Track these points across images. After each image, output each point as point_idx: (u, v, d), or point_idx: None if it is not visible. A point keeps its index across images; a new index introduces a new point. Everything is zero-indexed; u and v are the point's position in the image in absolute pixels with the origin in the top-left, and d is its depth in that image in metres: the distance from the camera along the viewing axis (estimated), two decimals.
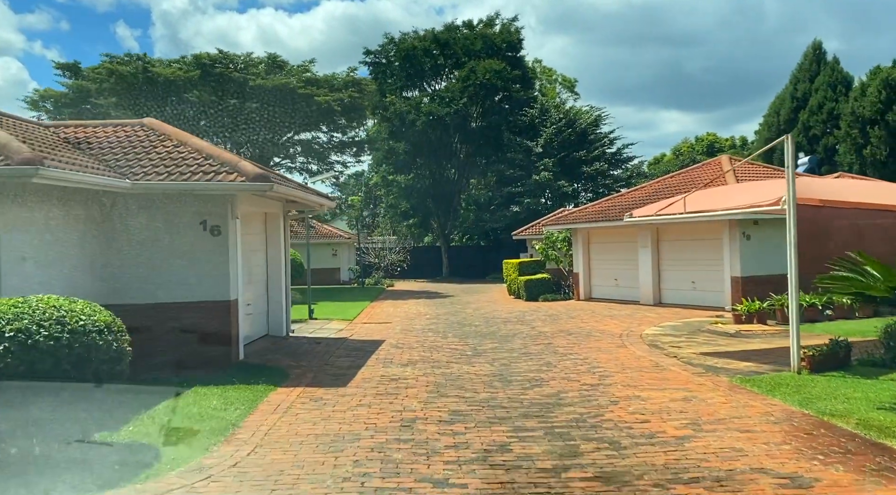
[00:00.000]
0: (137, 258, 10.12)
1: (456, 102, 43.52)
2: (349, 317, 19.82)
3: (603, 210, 23.07)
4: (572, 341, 13.73)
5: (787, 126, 52.37)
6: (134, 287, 9.95)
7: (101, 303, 7.33)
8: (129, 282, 9.98)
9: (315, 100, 29.23)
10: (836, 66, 48.80)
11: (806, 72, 50.09)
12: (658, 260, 21.37)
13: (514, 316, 19.60)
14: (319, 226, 42.19)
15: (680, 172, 23.72)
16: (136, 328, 8.90)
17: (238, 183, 9.61)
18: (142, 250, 10.10)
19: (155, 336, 9.52)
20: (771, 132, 52.56)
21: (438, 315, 20.57)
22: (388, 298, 29.35)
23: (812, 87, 48.68)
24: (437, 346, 13.33)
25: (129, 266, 10.10)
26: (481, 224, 46.63)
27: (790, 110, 49.77)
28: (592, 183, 44.05)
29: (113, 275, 10.07)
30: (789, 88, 50.01)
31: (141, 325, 9.42)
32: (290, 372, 10.06)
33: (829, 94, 47.90)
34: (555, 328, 16.17)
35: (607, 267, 23.43)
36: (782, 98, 50.70)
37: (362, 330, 16.58)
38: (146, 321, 9.40)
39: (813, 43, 50.36)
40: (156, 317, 9.85)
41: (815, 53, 50.19)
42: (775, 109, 53.14)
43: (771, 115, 54.12)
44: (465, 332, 15.86)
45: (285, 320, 13.79)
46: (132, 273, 10.06)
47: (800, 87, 49.79)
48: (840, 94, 46.98)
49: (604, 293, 23.57)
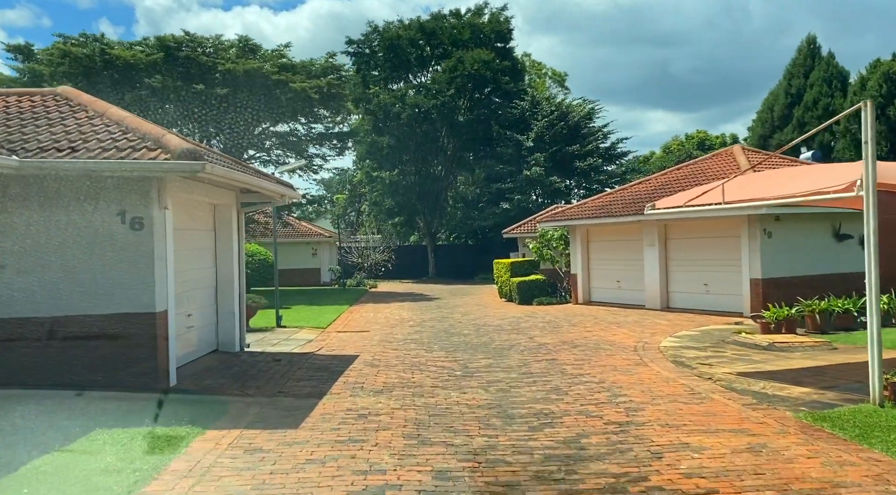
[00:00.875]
0: (30, 260, 7.89)
1: (443, 94, 41.38)
2: (323, 324, 17.62)
3: (604, 205, 21.02)
4: (580, 356, 11.62)
5: (781, 122, 51.02)
6: (22, 298, 7.71)
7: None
8: (18, 292, 7.74)
9: (290, 87, 26.94)
10: (832, 61, 47.43)
11: (800, 67, 48.67)
12: (666, 260, 19.35)
13: (508, 323, 17.49)
14: (297, 224, 39.86)
15: (687, 164, 21.73)
16: (25, 352, 6.73)
17: (159, 162, 7.41)
18: (36, 250, 7.87)
19: (51, 360, 7.30)
20: (765, 128, 51.10)
21: (423, 321, 18.43)
22: (369, 301, 27.16)
23: (807, 82, 47.38)
24: (419, 363, 11.18)
25: (19, 270, 7.86)
26: (469, 222, 44.53)
27: (784, 106, 48.48)
28: (585, 179, 42.08)
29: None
30: (783, 84, 48.65)
31: (33, 348, 7.24)
32: (231, 405, 7.85)
33: (824, 89, 46.54)
34: (556, 338, 14.07)
35: (608, 267, 21.38)
36: (776, 94, 49.44)
37: (335, 340, 14.39)
38: (39, 342, 7.18)
39: (807, 38, 48.98)
40: (56, 335, 7.62)
41: (810, 48, 48.77)
42: (769, 105, 51.85)
43: (764, 111, 52.80)
44: (453, 344, 13.72)
45: (239, 332, 11.58)
46: (23, 280, 7.82)
47: (794, 82, 48.42)
48: (836, 89, 45.60)
49: (604, 296, 21.52)
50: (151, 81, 24.87)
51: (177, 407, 7.50)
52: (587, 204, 22.07)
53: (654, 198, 19.58)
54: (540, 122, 41.64)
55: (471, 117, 42.98)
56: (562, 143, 41.15)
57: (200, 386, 8.67)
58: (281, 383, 9.15)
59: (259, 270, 22.93)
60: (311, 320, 18.54)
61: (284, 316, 19.47)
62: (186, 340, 9.73)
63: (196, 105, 26.07)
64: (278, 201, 11.53)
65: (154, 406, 7.31)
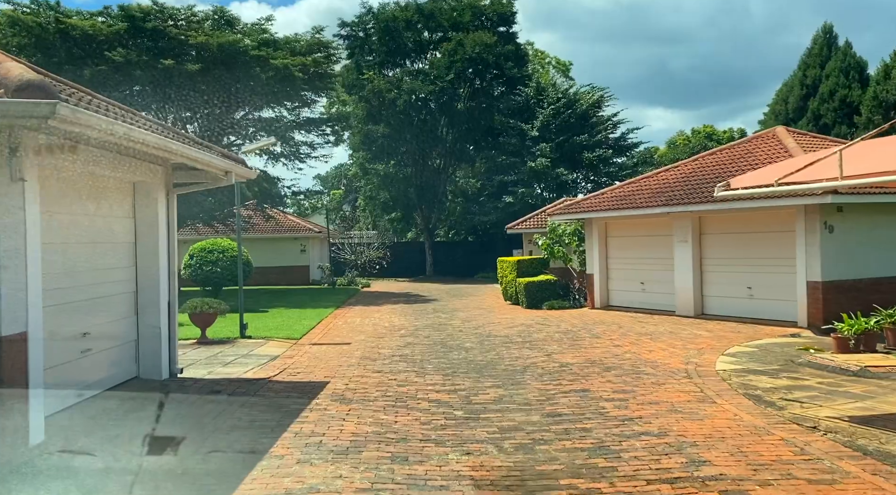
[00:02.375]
0: None
1: (441, 80, 38.56)
2: (297, 333, 14.84)
3: (627, 195, 18.24)
4: (619, 385, 8.86)
5: (795, 114, 48.61)
6: None
7: None
8: None
9: (272, 64, 24.13)
10: (849, 50, 44.87)
11: (816, 57, 46.13)
12: (700, 258, 16.58)
13: (517, 332, 14.72)
14: (283, 218, 37.07)
15: (720, 149, 18.94)
16: None
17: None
18: None
19: None
20: (778, 121, 48.51)
21: (417, 329, 15.65)
22: (359, 302, 24.40)
23: (823, 73, 44.88)
24: (407, 396, 8.42)
25: None
26: (469, 217, 41.77)
27: (799, 98, 46.11)
28: (593, 171, 39.33)
29: None
30: (798, 75, 46.20)
31: None
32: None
33: (841, 80, 44.01)
34: (580, 356, 11.30)
35: (631, 267, 18.61)
36: (790, 85, 47.16)
37: (305, 358, 11.61)
38: None
39: (823, 27, 46.46)
40: None
41: (826, 38, 46.24)
42: (783, 97, 49.60)
43: (778, 103, 50.53)
44: (452, 362, 10.95)
45: (168, 352, 8.78)
46: None
47: (809, 73, 45.90)
48: (853, 80, 43.10)
49: (625, 300, 18.77)
50: (113, 55, 22.03)
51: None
52: (606, 194, 19.30)
53: (686, 187, 16.82)
54: (545, 111, 38.85)
55: (471, 105, 40.17)
56: (569, 133, 38.38)
57: (78, 446, 5.87)
58: (199, 441, 6.29)
59: (233, 268, 20.13)
60: (284, 328, 15.77)
61: (257, 321, 16.74)
62: (77, 371, 6.95)
63: (165, 83, 23.26)
64: (223, 180, 8.73)
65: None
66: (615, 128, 40.20)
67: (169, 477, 5.24)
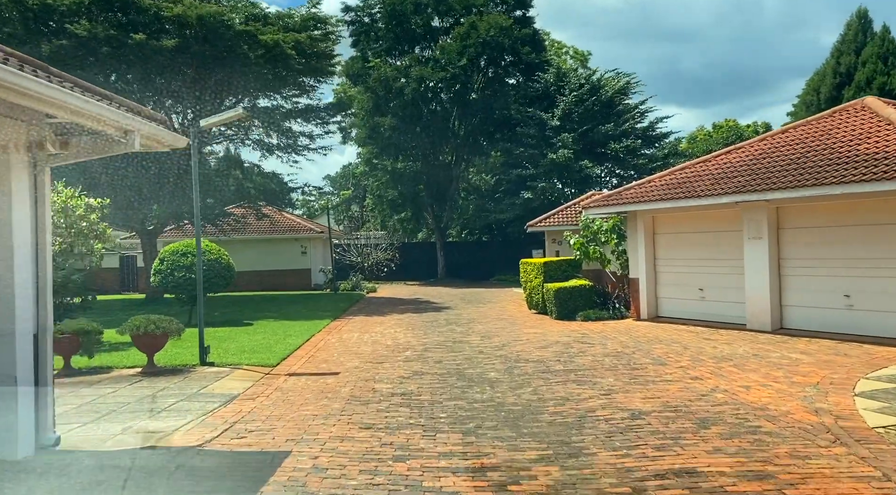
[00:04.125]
0: None
1: (453, 65, 35.40)
2: (274, 357, 11.73)
3: (681, 182, 15.01)
4: (740, 460, 5.66)
5: (829, 104, 45.41)
6: None
7: None
8: None
9: (261, 40, 21.09)
10: (887, 35, 41.48)
11: (850, 44, 42.80)
12: (778, 258, 13.32)
13: (554, 354, 11.52)
14: (282, 217, 34.06)
15: (795, 125, 15.60)
16: None
17: None
18: None
19: None
20: (810, 111, 45.43)
21: (426, 350, 12.50)
22: (362, 311, 21.31)
23: (858, 60, 41.55)
24: (406, 478, 5.28)
25: None
26: (484, 215, 38.57)
27: (832, 87, 42.83)
28: (619, 164, 36.01)
29: None
30: (830, 63, 42.99)
31: None
32: None
33: (879, 67, 40.62)
34: (653, 398, 8.09)
35: (686, 270, 15.38)
36: (822, 74, 44.01)
37: (269, 402, 8.48)
38: None
39: (857, 11, 43.17)
40: None
41: (861, 23, 42.90)
42: (814, 87, 46.36)
43: (809, 93, 47.31)
44: (473, 410, 7.80)
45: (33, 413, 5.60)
46: None
47: (843, 60, 42.55)
48: (892, 66, 39.82)
49: (678, 309, 15.54)
50: (75, 29, 19.06)
51: None
52: (653, 182, 16.05)
53: (758, 171, 13.57)
54: (567, 98, 35.60)
55: (486, 93, 37.03)
56: (593, 122, 35.12)
57: None
58: None
59: (213, 272, 17.09)
60: (261, 349, 12.66)
61: (232, 339, 13.72)
62: None
63: (137, 63, 20.29)
64: (123, 144, 5.62)
65: None
66: (643, 118, 36.88)
67: None
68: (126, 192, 22.90)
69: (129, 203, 23.69)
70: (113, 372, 10.52)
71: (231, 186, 27.55)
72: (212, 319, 18.52)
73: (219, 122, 10.77)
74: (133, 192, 22.63)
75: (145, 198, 23.98)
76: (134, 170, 21.98)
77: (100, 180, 22.32)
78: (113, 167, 21.95)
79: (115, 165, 22.01)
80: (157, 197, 23.66)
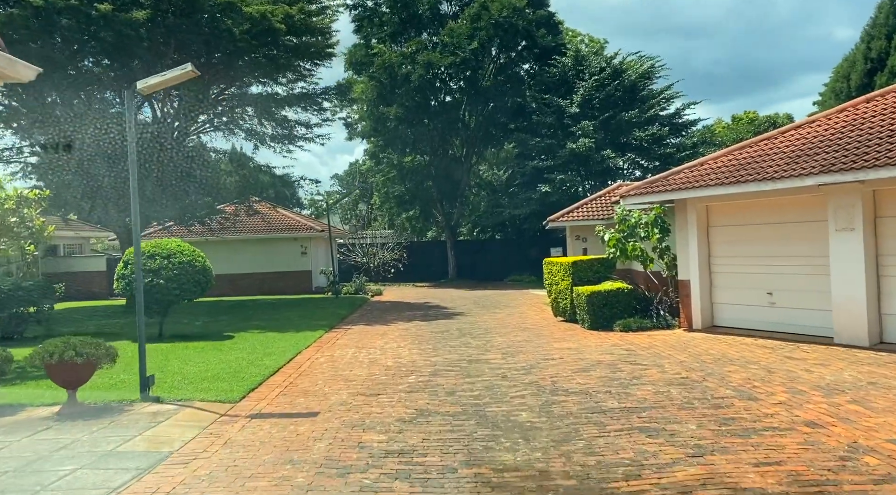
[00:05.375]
0: None
1: (463, 49, 32.74)
2: (240, 387, 9.16)
3: (743, 163, 12.33)
4: None
5: (859, 92, 42.84)
6: None
7: None
8: None
9: (245, 12, 18.58)
10: None
11: (882, 28, 40.06)
12: (876, 255, 10.63)
13: (602, 382, 8.87)
14: (278, 215, 31.56)
15: (885, 92, 12.80)
16: None
17: None
18: None
19: None
20: (839, 100, 42.76)
21: (435, 374, 9.89)
22: (363, 319, 18.76)
23: (891, 45, 38.83)
24: None
25: None
26: (497, 211, 35.92)
27: (863, 73, 40.25)
28: (643, 154, 33.24)
29: None
30: (860, 48, 40.30)
31: None
32: None
33: None
34: (772, 464, 5.44)
35: (750, 269, 12.69)
36: (852, 60, 41.43)
37: (205, 472, 5.88)
38: None
39: None
40: None
41: (893, 5, 40.01)
42: (843, 74, 43.66)
43: (838, 80, 44.57)
44: (504, 481, 5.20)
45: None
46: None
47: (874, 45, 39.83)
48: None
49: (740, 317, 12.86)
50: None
51: None
52: (706, 164, 13.36)
53: (846, 146, 10.88)
54: (588, 83, 32.90)
55: (500, 79, 34.37)
56: (615, 109, 32.40)
57: None
58: None
59: (186, 277, 14.55)
60: (228, 374, 10.11)
61: (201, 358, 11.24)
62: None
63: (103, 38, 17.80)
64: None
65: None
66: (668, 104, 34.09)
67: None
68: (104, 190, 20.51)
69: (105, 200, 21.30)
70: (22, 412, 7.99)
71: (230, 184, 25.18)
72: (188, 331, 16.04)
73: (161, 83, 8.22)
74: (112, 190, 20.23)
75: (123, 194, 21.54)
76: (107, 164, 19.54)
77: (69, 178, 19.94)
78: (87, 160, 19.59)
79: (89, 158, 19.66)
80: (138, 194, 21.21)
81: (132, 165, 8.39)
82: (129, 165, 8.30)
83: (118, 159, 19.57)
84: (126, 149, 20.33)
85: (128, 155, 8.35)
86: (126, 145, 20.71)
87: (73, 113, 20.15)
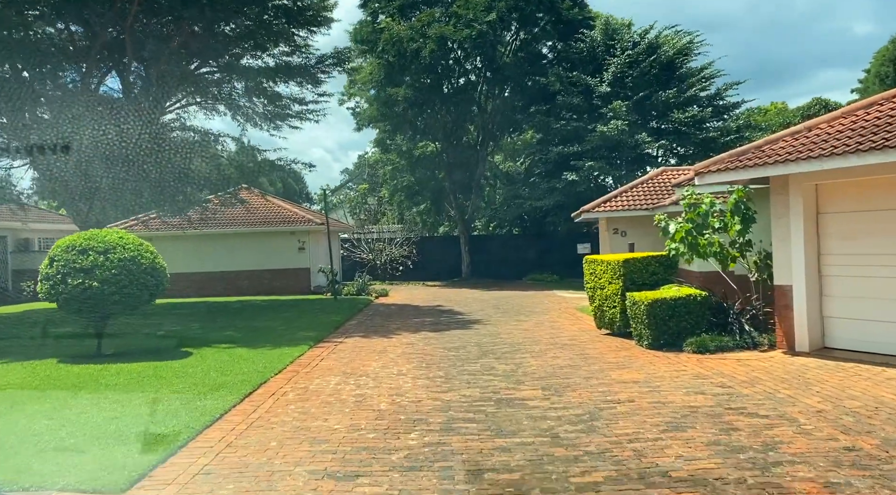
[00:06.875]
0: None
1: (479, 21, 29.27)
2: (131, 470, 5.83)
3: (870, 127, 8.85)
4: None
5: None
6: None
7: None
8: None
9: None
10: None
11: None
12: None
13: (720, 456, 5.41)
14: (268, 204, 28.31)
15: None
16: None
17: None
18: None
19: None
20: (883, 85, 39.30)
21: (449, 430, 6.50)
22: (360, 328, 15.43)
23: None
24: None
25: None
26: (517, 203, 32.46)
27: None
28: (680, 139, 29.63)
29: None
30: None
31: None
32: None
33: None
34: None
35: (880, 272, 9.22)
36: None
37: None
38: None
39: None
40: None
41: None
42: (889, 57, 40.56)
43: (883, 64, 41.38)
44: None
45: None
46: None
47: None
48: None
49: (864, 338, 9.40)
50: None
51: None
52: (817, 128, 9.89)
53: None
54: (620, 58, 29.36)
55: (521, 55, 30.87)
56: (651, 88, 28.86)
57: None
58: None
59: (128, 279, 11.28)
60: (129, 436, 6.81)
61: (121, 395, 7.94)
62: None
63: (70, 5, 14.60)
64: None
65: None
66: (709, 84, 30.47)
67: None
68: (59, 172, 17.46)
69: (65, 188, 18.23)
70: None
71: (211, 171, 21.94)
72: (140, 345, 12.80)
73: None
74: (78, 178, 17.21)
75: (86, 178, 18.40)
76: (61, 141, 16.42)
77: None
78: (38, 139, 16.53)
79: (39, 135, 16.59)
80: (102, 185, 18.08)
81: None
82: None
83: (75, 137, 16.47)
84: (84, 125, 17.26)
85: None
86: (84, 122, 17.62)
87: (25, 86, 17.15)
